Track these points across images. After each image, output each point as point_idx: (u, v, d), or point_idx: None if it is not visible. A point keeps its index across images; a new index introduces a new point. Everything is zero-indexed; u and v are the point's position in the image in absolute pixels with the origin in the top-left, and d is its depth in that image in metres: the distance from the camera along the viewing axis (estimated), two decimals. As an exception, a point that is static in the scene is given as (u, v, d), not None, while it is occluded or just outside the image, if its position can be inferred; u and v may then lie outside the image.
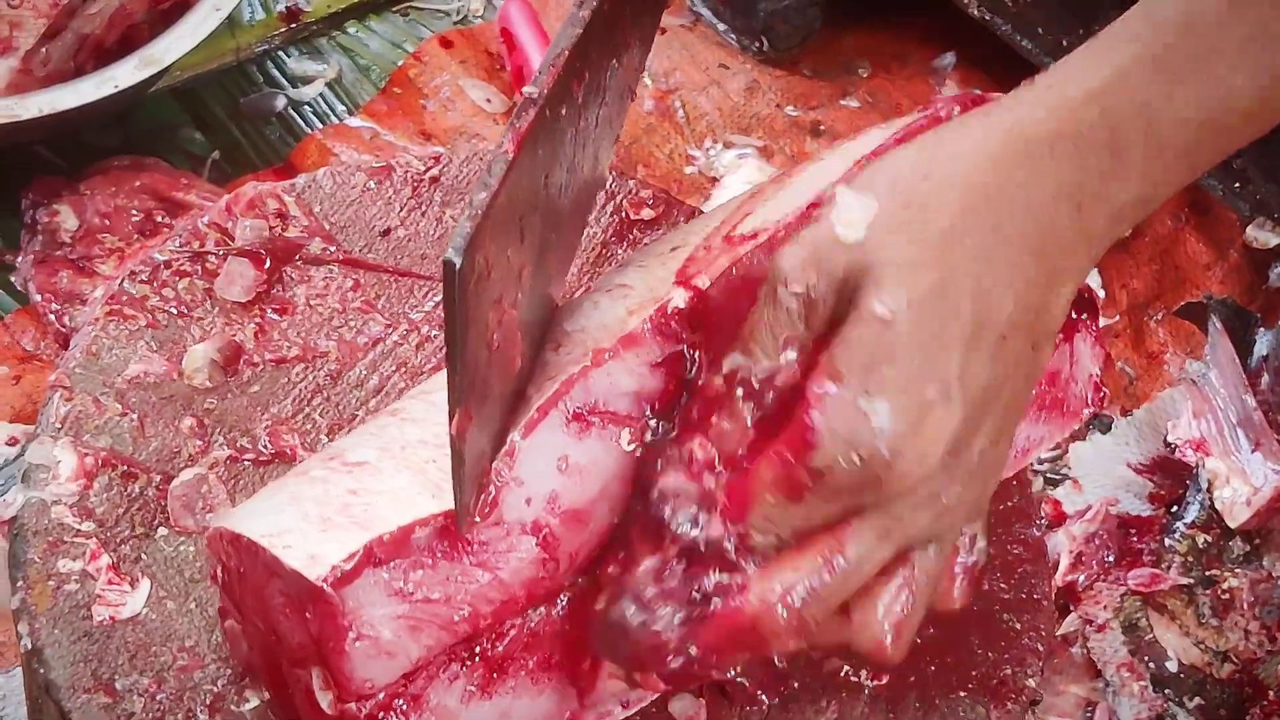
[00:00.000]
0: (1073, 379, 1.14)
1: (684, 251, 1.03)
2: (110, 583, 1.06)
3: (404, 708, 0.93)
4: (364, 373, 1.17)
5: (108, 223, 1.68)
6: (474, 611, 0.93)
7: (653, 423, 0.97)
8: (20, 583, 1.06)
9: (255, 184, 1.23)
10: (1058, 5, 1.64)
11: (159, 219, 1.68)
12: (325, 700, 0.93)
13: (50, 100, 1.61)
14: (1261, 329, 1.64)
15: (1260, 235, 1.60)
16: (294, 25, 1.90)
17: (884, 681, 1.07)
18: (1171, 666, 1.53)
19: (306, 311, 1.19)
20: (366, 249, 1.23)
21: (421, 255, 1.23)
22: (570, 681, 0.99)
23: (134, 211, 1.68)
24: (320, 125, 1.83)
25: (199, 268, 1.20)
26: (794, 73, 1.90)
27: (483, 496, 0.92)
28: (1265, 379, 1.60)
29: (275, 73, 1.88)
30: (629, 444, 0.97)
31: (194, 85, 1.85)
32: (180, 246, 1.20)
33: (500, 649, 0.96)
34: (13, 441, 1.58)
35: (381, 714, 0.92)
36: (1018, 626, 1.11)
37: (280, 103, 1.85)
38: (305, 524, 0.93)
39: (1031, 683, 1.09)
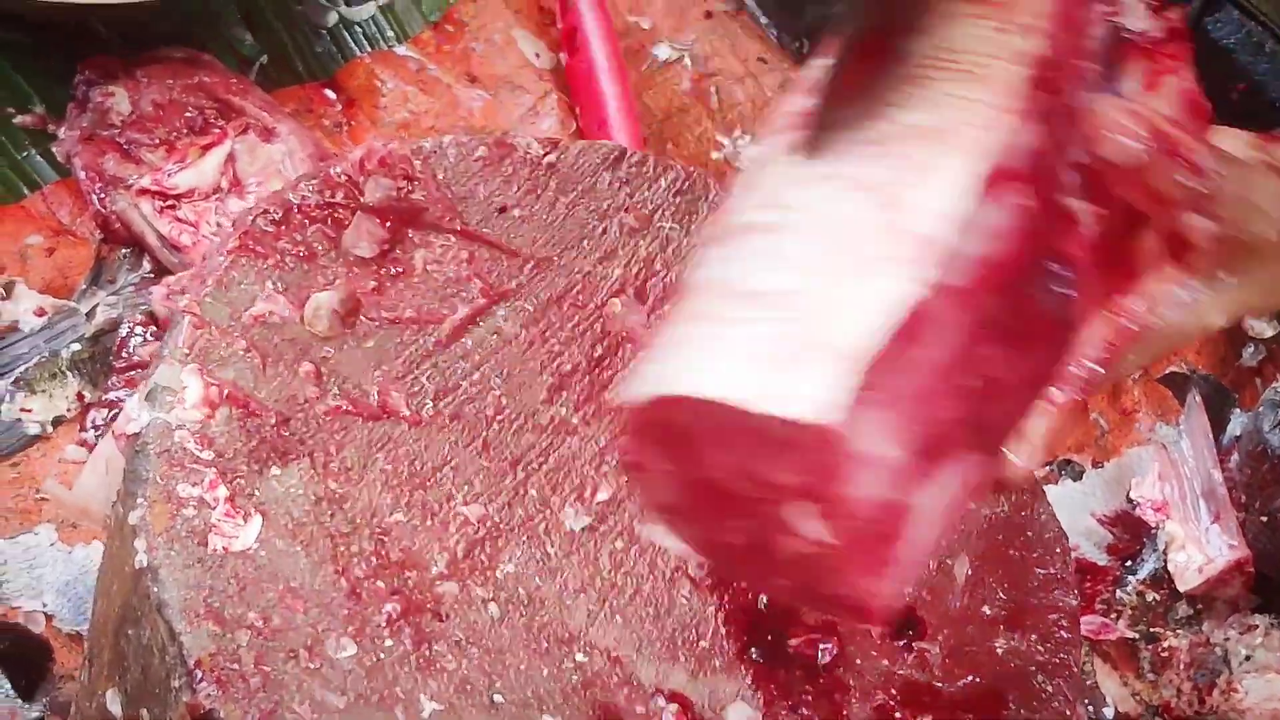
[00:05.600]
0: None
1: None
2: (226, 514, 1.11)
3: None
4: (470, 345, 1.23)
5: (161, 113, 1.70)
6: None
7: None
8: (140, 499, 1.10)
9: (384, 142, 1.27)
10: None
11: (210, 118, 1.71)
12: (814, 528, 0.91)
13: (127, -14, 1.64)
14: (1237, 410, 1.74)
15: (1257, 325, 1.70)
16: (357, -59, 1.93)
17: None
18: (1109, 713, 1.63)
19: (423, 276, 1.24)
20: (483, 223, 1.28)
21: (533, 238, 1.29)
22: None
23: (188, 108, 1.71)
24: (369, 48, 1.86)
25: (328, 216, 1.24)
26: (828, 79, 1.95)
27: None
28: (1235, 458, 1.70)
29: (331, -14, 1.91)
30: None
31: (250, -17, 1.87)
32: (312, 191, 1.24)
33: None
34: (40, 312, 1.61)
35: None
36: (1049, 689, 1.20)
37: (332, 18, 1.88)
38: (764, 367, 0.89)
39: (1058, 744, 1.18)
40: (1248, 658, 1.67)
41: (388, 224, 1.25)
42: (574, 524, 1.18)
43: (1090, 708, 1.62)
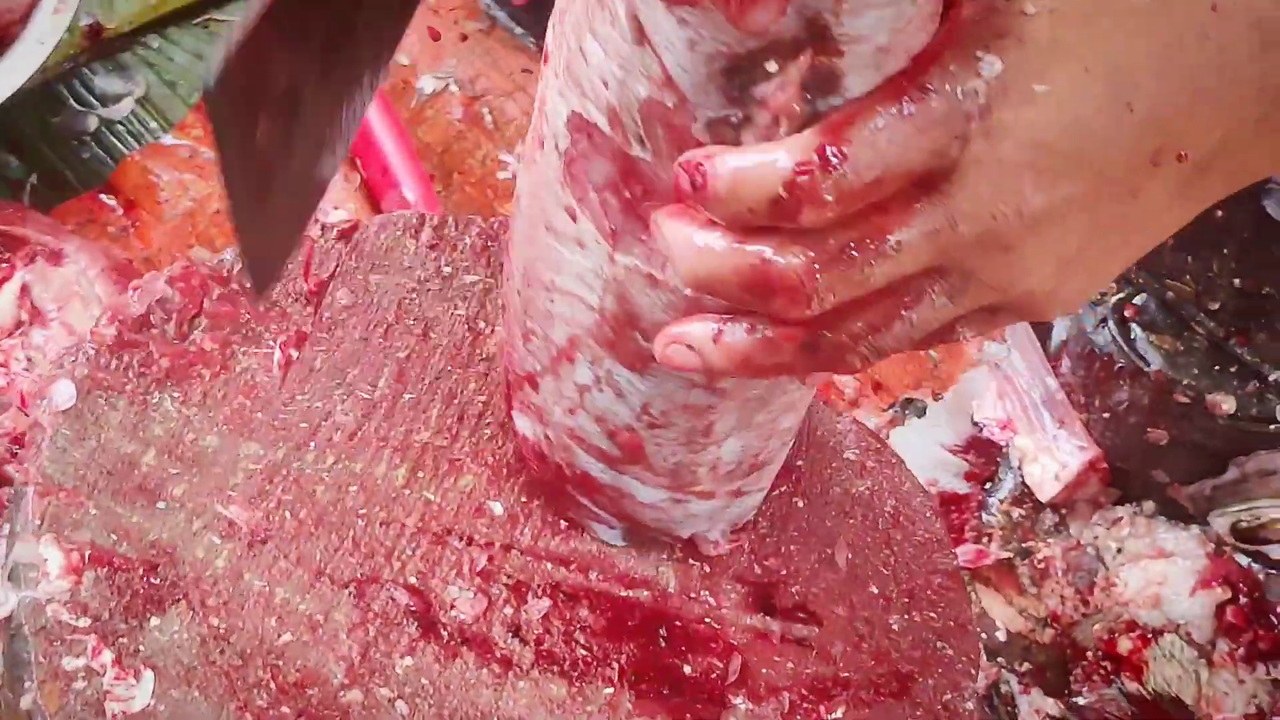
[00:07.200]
0: None
1: None
2: (117, 678, 1.11)
3: None
4: (316, 447, 1.22)
5: (-59, 257, 1.68)
6: None
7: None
8: (28, 683, 1.09)
9: (173, 268, 1.26)
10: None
11: (-6, 254, 1.69)
12: None
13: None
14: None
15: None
16: (98, 40, 1.90)
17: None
18: (1000, 636, 1.67)
19: (252, 387, 1.24)
20: (302, 322, 1.28)
21: (354, 325, 1.29)
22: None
23: (-31, 248, 1.68)
24: (136, 144, 1.84)
25: (136, 355, 1.23)
26: (594, 75, 1.96)
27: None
28: (1065, 362, 1.74)
29: (83, 91, 1.88)
30: None
31: (2, 106, 1.83)
32: (109, 332, 1.23)
33: None
34: None
35: None
36: (950, 653, 1.22)
37: (92, 122, 1.86)
38: None
39: (969, 705, 1.20)
40: (1119, 550, 1.72)
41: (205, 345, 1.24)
42: (460, 602, 1.19)
43: (984, 636, 1.66)
